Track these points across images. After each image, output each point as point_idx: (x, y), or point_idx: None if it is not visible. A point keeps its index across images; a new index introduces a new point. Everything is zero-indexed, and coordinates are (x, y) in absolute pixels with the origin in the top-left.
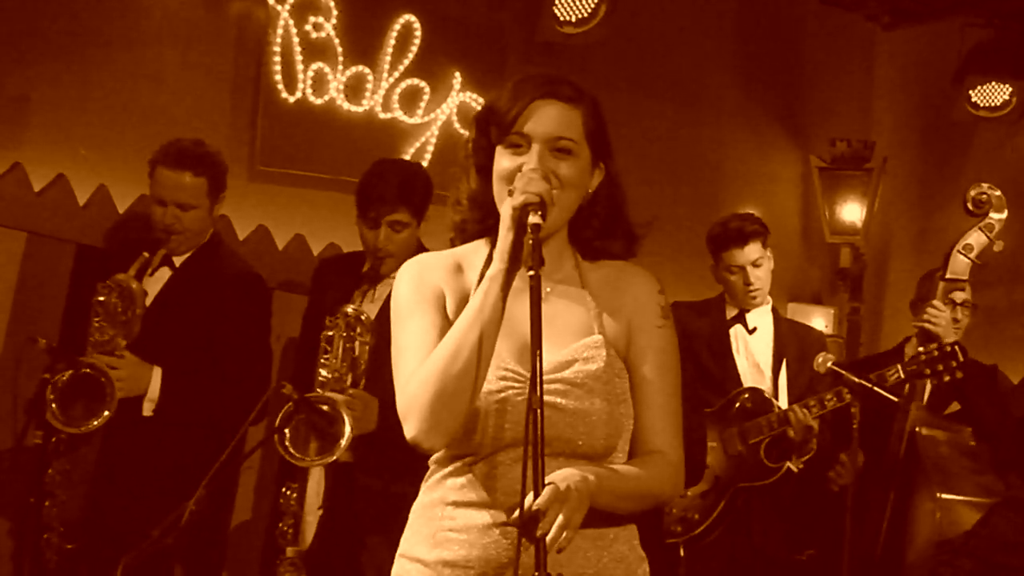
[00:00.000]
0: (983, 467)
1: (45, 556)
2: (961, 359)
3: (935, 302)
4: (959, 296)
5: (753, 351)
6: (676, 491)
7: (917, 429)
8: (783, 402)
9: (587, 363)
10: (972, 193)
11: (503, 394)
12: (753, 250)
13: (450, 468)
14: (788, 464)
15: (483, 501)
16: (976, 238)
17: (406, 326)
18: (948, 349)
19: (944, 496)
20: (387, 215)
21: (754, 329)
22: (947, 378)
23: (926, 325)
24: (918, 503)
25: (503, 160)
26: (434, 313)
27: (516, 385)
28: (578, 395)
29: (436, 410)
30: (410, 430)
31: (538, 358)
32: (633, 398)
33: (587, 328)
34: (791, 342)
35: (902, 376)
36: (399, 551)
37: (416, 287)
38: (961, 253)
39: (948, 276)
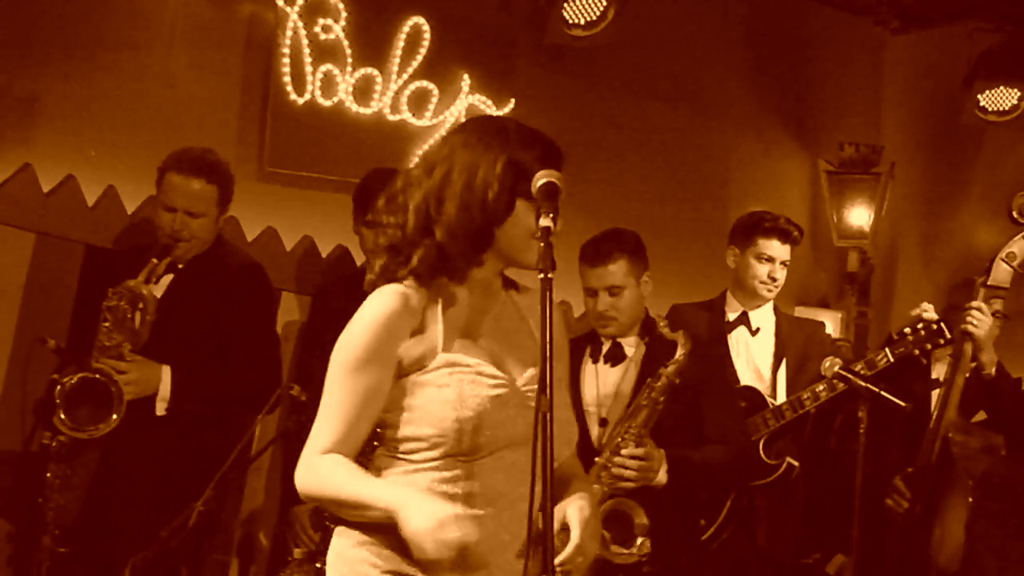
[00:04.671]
0: None
1: (37, 559)
2: (948, 336)
3: (978, 303)
4: (995, 305)
5: (754, 353)
6: None
7: (950, 435)
8: (781, 399)
9: None
10: (1020, 201)
11: (496, 391)
12: (787, 252)
13: (435, 464)
14: (788, 460)
15: (465, 500)
16: (1020, 247)
17: (347, 381)
18: (934, 327)
19: None
20: None
21: (757, 330)
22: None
23: (968, 327)
24: (951, 508)
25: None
26: (379, 376)
27: (502, 391)
28: None
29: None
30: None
31: (546, 360)
32: None
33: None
34: (793, 339)
35: (891, 359)
36: (358, 540)
37: (378, 340)
38: (1004, 261)
39: (990, 283)
